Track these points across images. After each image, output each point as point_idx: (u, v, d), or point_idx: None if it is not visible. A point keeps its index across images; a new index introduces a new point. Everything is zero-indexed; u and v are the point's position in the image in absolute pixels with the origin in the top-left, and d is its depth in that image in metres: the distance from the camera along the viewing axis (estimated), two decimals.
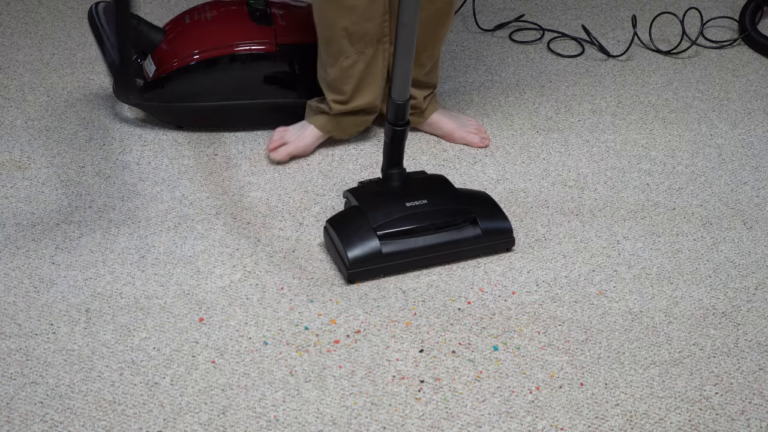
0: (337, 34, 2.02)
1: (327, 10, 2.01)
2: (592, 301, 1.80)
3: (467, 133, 2.25)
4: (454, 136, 2.25)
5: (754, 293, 1.83)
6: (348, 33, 2.02)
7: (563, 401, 1.59)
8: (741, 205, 2.07)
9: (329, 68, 2.09)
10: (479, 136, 2.24)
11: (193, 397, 1.58)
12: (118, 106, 2.34)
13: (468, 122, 2.27)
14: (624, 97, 2.46)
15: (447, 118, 2.26)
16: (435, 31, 2.11)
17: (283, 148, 2.15)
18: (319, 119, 2.17)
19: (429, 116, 2.25)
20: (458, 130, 2.24)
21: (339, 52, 2.05)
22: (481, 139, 2.24)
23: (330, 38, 2.05)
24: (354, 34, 2.02)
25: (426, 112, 2.24)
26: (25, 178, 2.09)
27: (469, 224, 1.88)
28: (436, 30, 2.12)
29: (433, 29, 2.10)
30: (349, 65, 2.07)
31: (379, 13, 2.03)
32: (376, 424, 1.54)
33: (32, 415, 1.54)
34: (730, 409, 1.59)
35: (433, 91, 2.25)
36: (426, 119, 2.25)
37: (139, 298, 1.78)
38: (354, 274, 1.81)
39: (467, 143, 2.24)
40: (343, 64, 2.06)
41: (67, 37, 2.66)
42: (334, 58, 2.07)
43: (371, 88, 2.12)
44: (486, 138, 2.25)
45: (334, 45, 2.05)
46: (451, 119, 2.26)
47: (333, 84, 2.11)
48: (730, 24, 2.83)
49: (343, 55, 2.05)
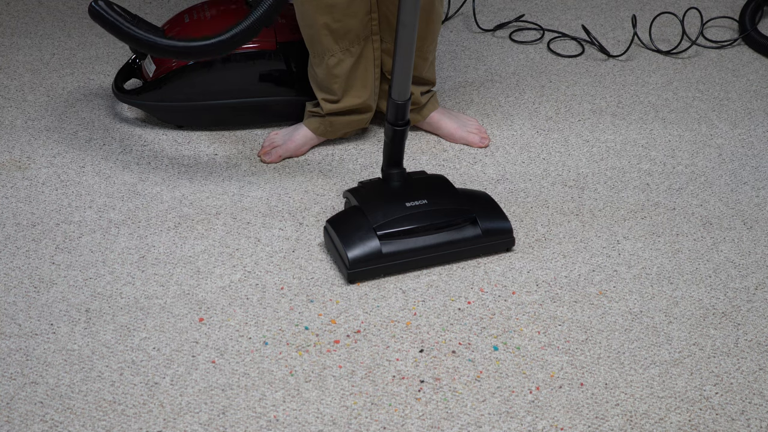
0: (320, 32, 2.02)
1: (307, 8, 2.02)
2: (592, 301, 1.80)
3: (467, 132, 2.25)
4: (454, 136, 2.25)
5: (754, 293, 1.83)
6: (330, 30, 2.02)
7: (563, 401, 1.59)
8: (741, 205, 2.07)
9: (317, 68, 2.10)
10: (479, 135, 2.25)
11: (193, 397, 1.58)
12: (118, 106, 2.34)
13: (468, 122, 2.27)
14: (624, 97, 2.46)
15: (447, 117, 2.26)
16: (426, 28, 2.10)
17: (274, 150, 2.16)
18: (312, 122, 2.18)
19: (428, 115, 2.25)
20: (458, 130, 2.24)
21: (323, 51, 2.06)
22: (480, 139, 2.24)
23: (312, 37, 2.05)
24: (336, 31, 2.02)
25: (425, 111, 2.24)
26: (25, 178, 2.09)
27: (469, 224, 1.88)
28: (427, 27, 2.11)
29: (422, 26, 2.09)
30: (334, 63, 2.07)
31: (363, 10, 2.03)
32: (376, 424, 1.54)
33: (32, 415, 1.54)
34: (730, 409, 1.59)
35: (430, 89, 2.25)
36: (425, 118, 2.25)
37: (139, 298, 1.78)
38: (354, 274, 1.81)
39: (467, 143, 2.24)
40: (329, 62, 2.06)
41: (67, 37, 2.66)
42: (319, 57, 2.07)
43: (361, 86, 2.12)
44: (486, 138, 2.25)
45: (318, 44, 2.05)
46: (452, 119, 2.26)
47: (322, 83, 2.11)
48: (730, 24, 2.83)
49: (327, 53, 2.06)
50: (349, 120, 2.17)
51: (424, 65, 2.18)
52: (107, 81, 2.44)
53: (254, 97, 2.23)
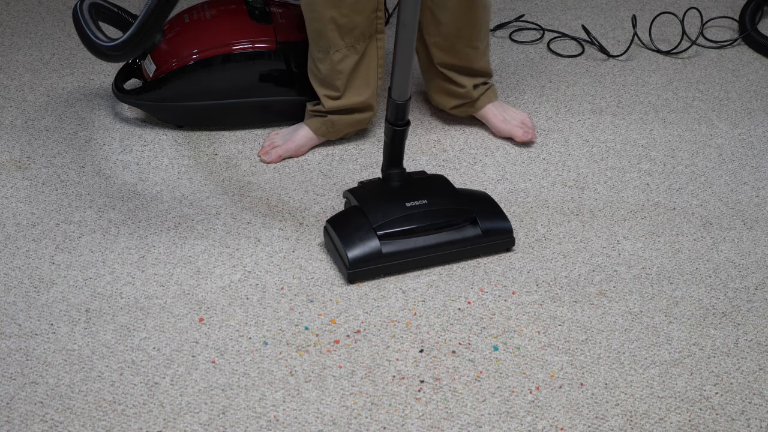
0: (326, 26, 2.02)
1: (315, 1, 2.01)
2: (592, 301, 1.80)
3: (511, 126, 2.23)
4: (499, 131, 2.24)
5: (754, 293, 1.83)
6: (337, 25, 2.02)
7: (563, 401, 1.59)
8: (741, 205, 2.07)
9: (320, 63, 2.10)
10: (523, 129, 2.23)
11: (193, 397, 1.58)
12: (118, 106, 2.34)
13: (516, 115, 2.26)
14: (624, 97, 2.46)
15: (497, 110, 2.25)
16: (469, 16, 2.11)
17: (274, 150, 2.16)
18: (313, 122, 2.18)
19: (482, 107, 2.25)
20: (502, 124, 2.24)
21: (329, 45, 2.05)
22: (524, 133, 2.22)
23: (319, 30, 2.05)
24: (343, 26, 2.02)
25: (478, 103, 2.24)
26: (25, 178, 2.09)
27: (469, 224, 1.88)
28: (470, 14, 2.11)
29: (467, 15, 2.10)
30: (339, 59, 2.07)
31: (369, 8, 2.03)
32: (376, 424, 1.54)
33: (32, 415, 1.54)
34: (730, 409, 1.59)
35: (486, 80, 2.25)
36: (478, 110, 2.25)
37: (139, 298, 1.78)
38: (354, 274, 1.81)
39: (511, 136, 2.23)
40: (334, 57, 2.06)
41: (67, 37, 2.66)
42: (324, 53, 2.07)
43: (364, 85, 2.12)
44: (530, 132, 2.23)
45: (324, 38, 2.05)
46: (500, 112, 2.25)
47: (325, 79, 2.11)
48: (730, 24, 2.83)
49: (333, 48, 2.05)
50: (351, 120, 2.17)
51: (474, 55, 2.18)
52: (107, 81, 2.44)
53: (254, 97, 2.22)
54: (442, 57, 2.18)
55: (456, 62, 2.19)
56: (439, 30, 2.14)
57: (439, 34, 2.14)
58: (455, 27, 2.12)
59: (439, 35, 2.14)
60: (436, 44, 2.16)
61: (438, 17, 2.12)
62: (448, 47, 2.16)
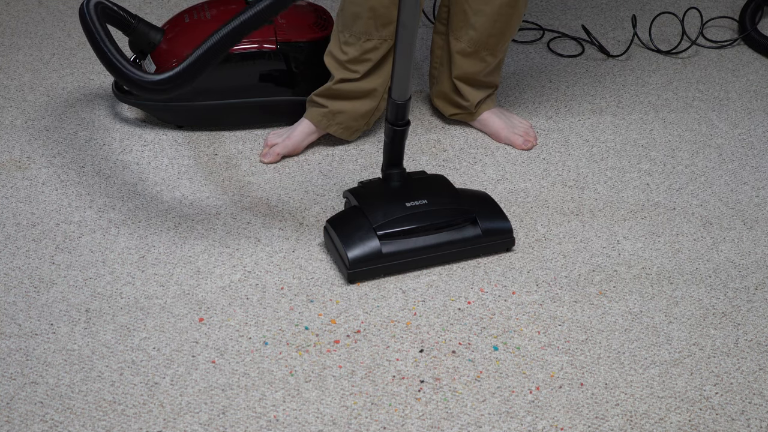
0: (365, 13, 2.01)
1: None
2: (592, 301, 1.80)
3: (512, 133, 2.23)
4: (499, 136, 2.24)
5: (754, 293, 1.83)
6: (375, 15, 2.01)
7: (563, 401, 1.59)
8: (741, 205, 2.07)
9: (347, 47, 2.07)
10: (524, 137, 2.23)
11: (193, 397, 1.58)
12: (118, 106, 2.34)
13: (518, 123, 2.26)
14: (624, 97, 2.46)
15: (497, 117, 2.25)
16: (503, 27, 2.10)
17: (273, 149, 2.15)
18: (313, 112, 2.16)
19: (480, 115, 2.25)
20: (504, 130, 2.23)
21: (362, 33, 2.04)
22: (524, 141, 2.22)
23: (356, 15, 2.02)
24: (380, 17, 2.01)
25: (476, 113, 2.24)
26: (25, 178, 2.09)
27: (469, 224, 1.88)
28: (505, 26, 2.11)
29: (502, 25, 2.10)
30: (369, 48, 2.05)
31: None
32: (376, 424, 1.54)
33: (32, 415, 1.54)
34: (730, 409, 1.59)
35: (492, 92, 2.25)
36: (475, 119, 2.25)
37: (139, 298, 1.78)
38: (354, 274, 1.81)
39: (510, 144, 2.23)
40: (365, 45, 2.05)
41: (67, 37, 2.66)
42: (356, 38, 2.05)
43: (381, 77, 2.11)
44: (531, 140, 2.23)
45: (359, 24, 2.03)
46: (501, 119, 2.25)
47: (348, 63, 2.08)
48: (730, 24, 2.83)
49: (365, 36, 2.04)
50: (352, 114, 2.15)
51: (492, 63, 2.17)
52: (107, 81, 2.44)
53: (254, 97, 2.22)
54: (462, 67, 2.17)
55: (471, 70, 2.17)
56: (468, 35, 2.12)
57: (469, 40, 2.12)
58: (486, 34, 2.11)
59: (467, 41, 2.13)
60: (461, 51, 2.15)
61: (471, 22, 2.10)
62: (471, 53, 2.15)
